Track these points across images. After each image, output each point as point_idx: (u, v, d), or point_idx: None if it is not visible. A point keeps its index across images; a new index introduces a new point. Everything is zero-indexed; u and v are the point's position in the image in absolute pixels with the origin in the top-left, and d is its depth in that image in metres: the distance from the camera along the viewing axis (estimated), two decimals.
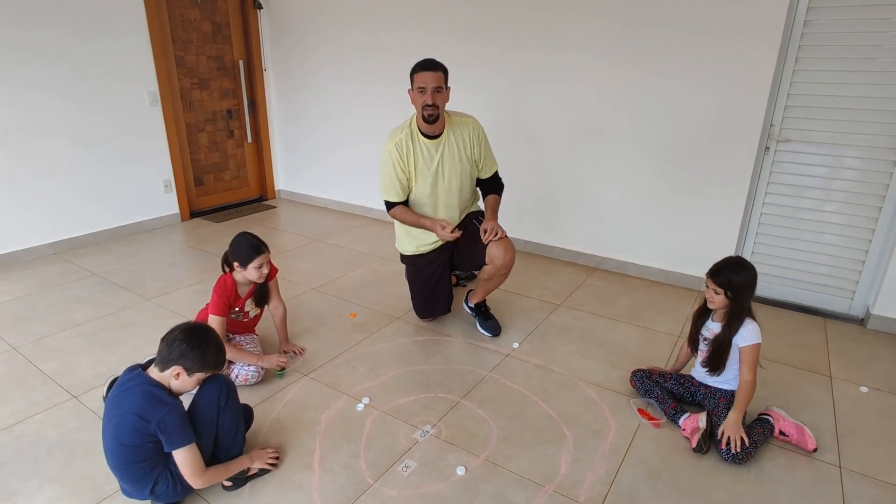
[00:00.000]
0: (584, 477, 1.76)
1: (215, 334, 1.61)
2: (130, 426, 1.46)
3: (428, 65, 2.31)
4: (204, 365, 1.54)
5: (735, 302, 1.88)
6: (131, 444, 1.47)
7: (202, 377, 1.57)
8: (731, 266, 1.90)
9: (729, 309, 1.91)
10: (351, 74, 4.33)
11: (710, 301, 1.94)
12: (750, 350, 1.88)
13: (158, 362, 1.53)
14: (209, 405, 1.61)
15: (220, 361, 1.60)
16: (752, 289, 1.90)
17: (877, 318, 2.77)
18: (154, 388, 1.50)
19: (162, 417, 1.46)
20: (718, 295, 1.89)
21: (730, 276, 1.87)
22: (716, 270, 1.91)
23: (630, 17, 3.03)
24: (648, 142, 3.17)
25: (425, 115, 2.34)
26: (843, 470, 1.81)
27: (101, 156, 3.82)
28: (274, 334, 2.52)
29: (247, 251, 2.13)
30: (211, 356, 1.55)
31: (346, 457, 1.83)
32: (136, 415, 1.45)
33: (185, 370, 1.52)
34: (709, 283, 1.92)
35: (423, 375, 2.32)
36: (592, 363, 2.43)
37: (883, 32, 2.52)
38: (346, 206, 4.82)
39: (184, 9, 4.16)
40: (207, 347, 1.54)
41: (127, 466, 1.50)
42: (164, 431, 1.47)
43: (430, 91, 2.28)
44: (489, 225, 2.41)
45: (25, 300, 2.97)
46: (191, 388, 1.58)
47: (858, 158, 2.69)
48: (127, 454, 1.48)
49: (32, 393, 2.16)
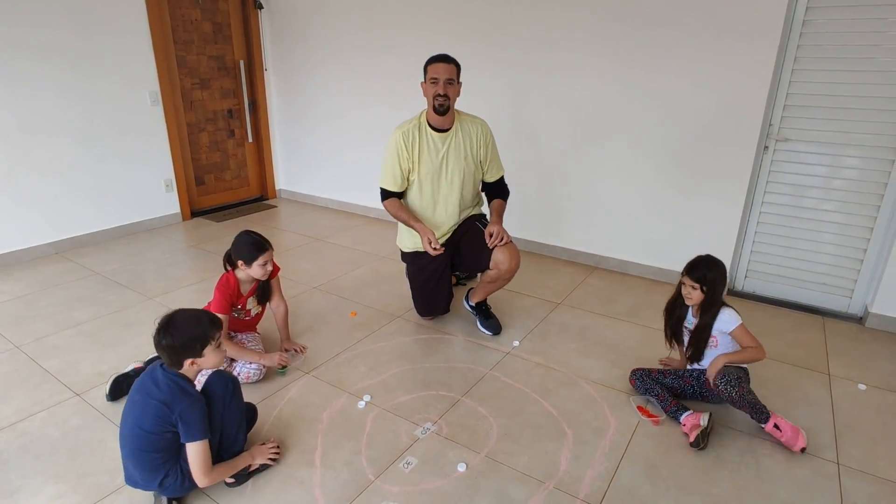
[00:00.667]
0: (584, 473, 1.77)
1: (180, 312, 1.56)
2: (154, 412, 1.49)
3: (442, 57, 2.39)
4: (199, 341, 1.52)
5: (709, 295, 2.01)
6: (151, 431, 1.50)
7: (214, 346, 1.56)
8: (705, 263, 2.02)
9: (703, 301, 2.02)
10: (351, 74, 4.34)
11: (687, 297, 2.06)
12: (739, 330, 1.98)
13: (168, 365, 1.55)
14: (216, 400, 1.63)
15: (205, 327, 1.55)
16: (724, 282, 2.05)
17: (875, 317, 2.78)
18: (180, 380, 1.54)
19: (185, 408, 1.50)
20: (695, 290, 2.01)
21: (705, 272, 2.00)
22: (691, 267, 2.04)
23: (630, 18, 3.04)
24: (648, 141, 3.19)
25: (436, 105, 2.38)
26: (842, 466, 1.83)
27: (102, 155, 3.83)
28: (275, 333, 2.53)
29: (251, 249, 2.14)
30: (193, 332, 1.52)
31: (347, 454, 1.84)
32: (161, 402, 1.49)
33: (193, 356, 1.54)
34: (685, 280, 2.04)
35: (424, 373, 2.33)
36: (592, 361, 2.44)
37: (881, 32, 2.53)
38: (347, 206, 4.83)
39: (185, 9, 4.17)
40: (183, 329, 1.51)
41: (142, 454, 1.52)
42: (185, 422, 1.50)
43: (443, 82, 2.34)
44: (494, 229, 2.42)
45: (27, 299, 2.98)
46: (216, 359, 1.58)
47: (857, 158, 2.71)
48: (145, 440, 1.51)
49: (35, 391, 2.17)
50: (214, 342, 1.57)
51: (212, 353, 1.56)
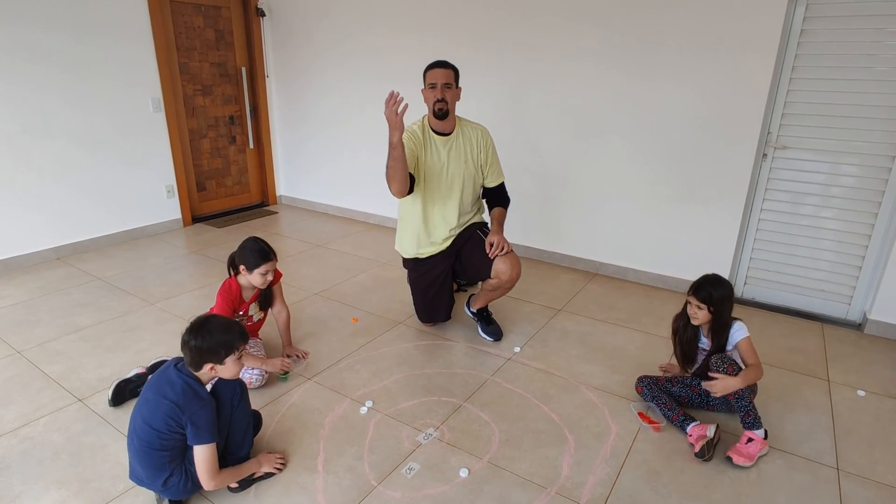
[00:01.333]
0: (586, 479, 1.78)
1: (215, 317, 1.62)
2: (165, 412, 1.50)
3: (439, 63, 2.44)
4: (225, 348, 1.56)
5: (717, 315, 1.97)
6: (160, 430, 1.51)
7: (237, 356, 1.60)
8: (711, 282, 1.99)
9: (712, 323, 1.99)
10: (352, 81, 4.37)
11: (693, 317, 2.02)
12: (745, 343, 1.96)
13: (188, 365, 1.57)
14: (224, 403, 1.64)
15: (235, 336, 1.58)
16: (731, 302, 2.00)
17: (874, 324, 2.80)
18: (194, 383, 1.56)
19: (196, 411, 1.52)
20: (701, 310, 1.98)
21: (710, 291, 1.96)
22: (697, 287, 2.00)
23: (629, 28, 3.07)
24: (647, 148, 3.21)
25: (435, 110, 2.42)
26: (841, 472, 1.84)
27: (104, 161, 3.85)
28: (277, 338, 2.54)
29: (255, 256, 2.15)
30: (222, 338, 1.55)
31: (349, 459, 1.85)
32: (173, 403, 1.51)
33: (215, 363, 1.56)
34: (691, 299, 2.01)
35: (426, 379, 2.34)
36: (593, 367, 2.45)
37: (878, 42, 2.56)
38: (347, 212, 4.85)
39: (188, 16, 4.21)
40: (213, 334, 1.55)
41: (149, 452, 1.53)
42: (195, 425, 1.51)
43: (440, 86, 2.39)
44: (495, 239, 2.44)
45: (29, 304, 2.98)
46: (235, 370, 1.61)
47: (855, 165, 2.73)
48: (153, 438, 1.52)
49: (37, 396, 2.17)
50: (237, 353, 1.60)
51: (232, 363, 1.59)
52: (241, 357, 1.63)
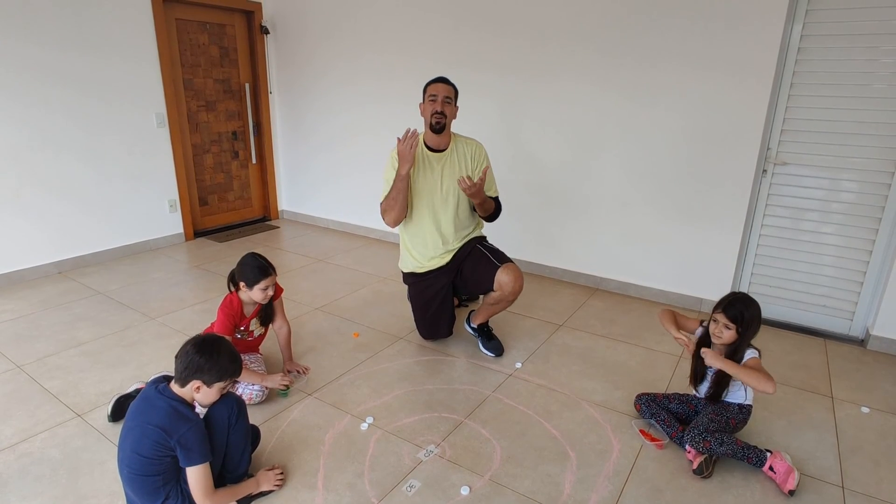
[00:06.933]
0: (588, 497, 1.76)
1: (227, 342, 1.63)
2: (152, 439, 1.47)
3: (440, 79, 2.50)
4: (222, 374, 1.56)
5: (742, 337, 1.86)
6: (149, 457, 1.48)
7: (223, 386, 1.59)
8: (742, 301, 1.87)
9: (732, 345, 1.89)
10: (354, 98, 4.42)
11: (717, 336, 1.90)
12: (753, 362, 1.87)
13: (177, 379, 1.54)
14: (221, 422, 1.62)
15: (236, 368, 1.61)
16: (759, 324, 1.88)
17: (876, 339, 2.78)
18: (178, 404, 1.52)
19: (184, 433, 1.48)
20: (729, 330, 1.87)
21: (742, 310, 1.84)
22: (728, 304, 1.87)
23: (629, 48, 3.11)
24: (649, 165, 3.23)
25: (433, 123, 2.45)
26: (846, 490, 1.82)
27: (107, 175, 3.88)
28: (278, 354, 2.53)
29: (255, 272, 2.16)
30: (226, 365, 1.56)
31: (350, 476, 1.83)
32: (158, 428, 1.47)
33: (204, 383, 1.54)
34: (719, 317, 1.88)
35: (427, 395, 2.33)
36: (594, 383, 2.44)
37: (874, 60, 2.59)
38: (349, 227, 4.86)
39: (193, 33, 4.26)
40: (221, 356, 1.55)
41: (140, 478, 1.50)
42: (184, 447, 1.48)
43: (441, 100, 2.43)
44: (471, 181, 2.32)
45: (30, 318, 2.98)
46: (214, 398, 1.59)
47: (854, 181, 2.75)
48: (143, 465, 1.49)
49: (36, 411, 2.16)
50: (225, 383, 1.59)
51: (216, 391, 1.58)
52: (225, 390, 1.62)
